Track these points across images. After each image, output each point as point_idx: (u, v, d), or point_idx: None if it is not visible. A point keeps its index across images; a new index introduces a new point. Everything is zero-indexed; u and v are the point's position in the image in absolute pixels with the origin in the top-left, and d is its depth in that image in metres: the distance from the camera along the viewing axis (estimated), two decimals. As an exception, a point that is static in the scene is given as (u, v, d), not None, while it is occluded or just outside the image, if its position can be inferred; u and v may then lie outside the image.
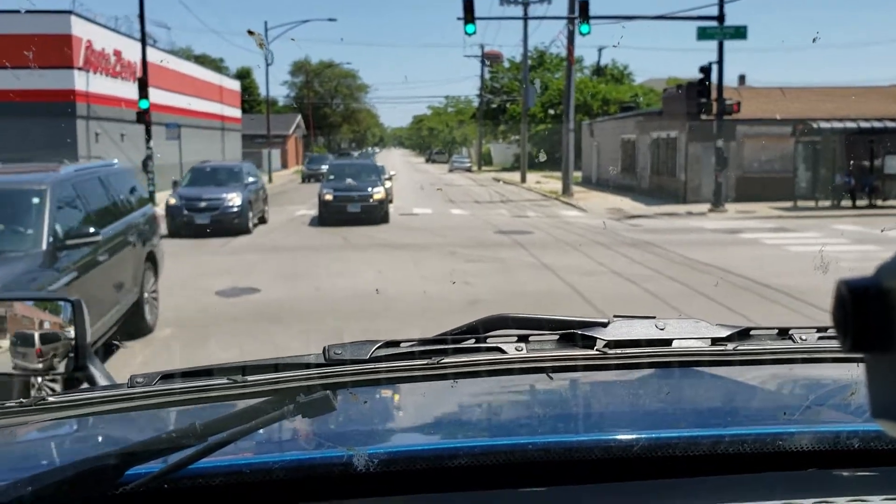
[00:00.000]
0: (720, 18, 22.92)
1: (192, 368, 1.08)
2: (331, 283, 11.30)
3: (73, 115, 25.02)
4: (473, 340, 1.12)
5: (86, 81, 25.98)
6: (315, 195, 20.63)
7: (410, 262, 13.17)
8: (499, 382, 1.69)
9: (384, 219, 19.26)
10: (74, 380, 2.31)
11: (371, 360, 1.06)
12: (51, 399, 1.05)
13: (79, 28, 25.60)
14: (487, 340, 1.11)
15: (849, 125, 23.79)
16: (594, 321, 1.13)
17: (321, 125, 74.73)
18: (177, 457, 1.06)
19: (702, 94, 23.23)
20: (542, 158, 33.32)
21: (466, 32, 21.38)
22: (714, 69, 23.05)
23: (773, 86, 27.24)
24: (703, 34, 22.76)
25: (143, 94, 25.25)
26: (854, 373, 1.39)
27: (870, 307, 0.47)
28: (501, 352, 1.08)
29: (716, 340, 1.13)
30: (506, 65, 60.29)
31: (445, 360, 1.06)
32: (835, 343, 1.04)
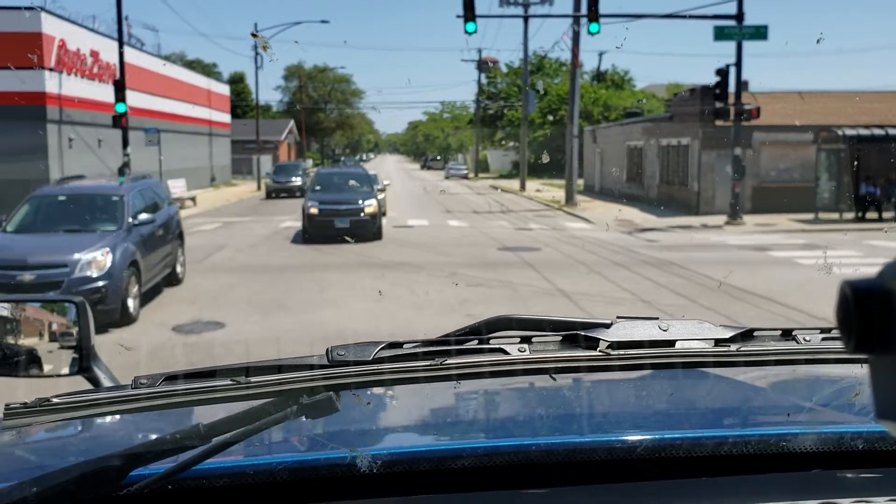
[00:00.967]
0: (739, 17, 21.32)
1: (196, 370, 1.09)
2: (310, 318, 9.58)
3: (44, 119, 23.27)
4: (476, 341, 1.12)
5: (58, 83, 24.24)
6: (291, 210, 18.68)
7: (405, 288, 11.48)
8: (502, 383, 1.70)
9: (376, 235, 17.19)
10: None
11: (374, 362, 1.06)
12: (55, 400, 1.06)
13: (50, 26, 23.84)
14: (490, 342, 1.11)
15: (876, 132, 22.18)
16: (597, 322, 1.13)
17: (315, 131, 73.36)
18: (181, 458, 1.06)
19: (718, 99, 21.62)
20: (546, 160, 31.67)
21: (466, 31, 19.80)
22: (731, 72, 21.46)
23: (773, 91, 25.64)
24: (721, 34, 21.13)
25: (120, 97, 23.56)
26: (858, 374, 1.42)
27: (873, 308, 0.48)
28: (504, 353, 1.08)
29: (719, 341, 1.13)
30: (503, 69, 59.03)
31: (448, 362, 1.06)
32: (838, 344, 1.05)
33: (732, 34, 21.20)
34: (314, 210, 16.94)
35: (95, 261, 8.97)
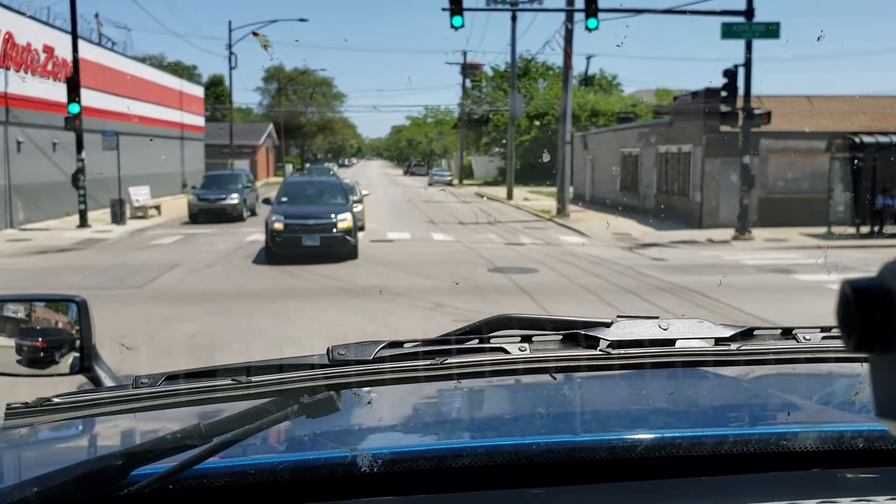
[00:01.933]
0: (748, 14, 19.59)
1: (197, 369, 1.08)
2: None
3: (-12, 120, 21.20)
4: (477, 341, 1.11)
5: (5, 81, 22.12)
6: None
7: (380, 323, 9.55)
8: (502, 383, 1.71)
9: (351, 254, 15.13)
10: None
11: (375, 361, 1.05)
12: (56, 400, 1.05)
13: (-5, 18, 21.76)
14: (491, 341, 1.10)
15: (895, 139, 20.50)
16: (597, 321, 1.12)
17: (295, 135, 71.19)
18: (182, 457, 1.05)
19: (726, 102, 19.87)
20: (547, 158, 29.63)
21: (453, 25, 17.95)
22: (740, 74, 19.74)
23: (779, 95, 23.91)
24: (729, 32, 19.39)
25: (74, 97, 21.54)
26: (858, 372, 1.40)
27: (873, 307, 0.48)
28: (505, 352, 1.07)
29: (719, 340, 1.12)
30: (489, 73, 57.37)
31: (449, 361, 1.06)
32: (838, 343, 1.05)
33: (742, 31, 19.47)
34: (279, 225, 14.75)
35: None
